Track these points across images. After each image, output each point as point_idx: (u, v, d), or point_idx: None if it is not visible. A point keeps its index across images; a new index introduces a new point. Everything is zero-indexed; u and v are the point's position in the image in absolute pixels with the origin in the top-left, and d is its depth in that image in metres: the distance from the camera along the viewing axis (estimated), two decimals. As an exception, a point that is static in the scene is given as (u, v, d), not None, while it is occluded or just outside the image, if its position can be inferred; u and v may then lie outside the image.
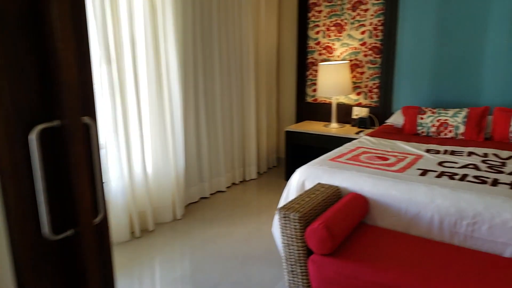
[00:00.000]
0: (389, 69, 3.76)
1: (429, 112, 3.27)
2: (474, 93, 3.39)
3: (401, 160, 2.54)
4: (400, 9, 3.60)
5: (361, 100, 4.00)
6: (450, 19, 3.41)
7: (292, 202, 1.99)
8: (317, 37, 4.13)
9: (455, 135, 3.12)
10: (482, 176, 2.19)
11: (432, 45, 3.52)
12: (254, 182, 4.08)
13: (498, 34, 3.22)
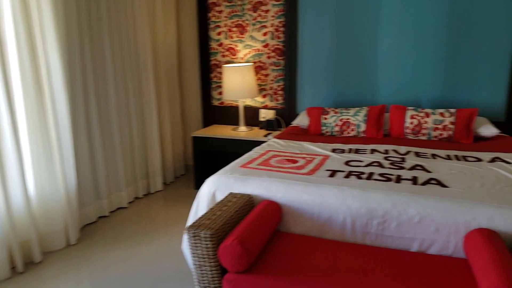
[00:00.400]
0: (292, 71, 3.78)
1: (332, 112, 3.33)
2: (372, 92, 3.55)
3: (309, 162, 2.50)
4: (300, 11, 3.63)
5: (267, 102, 3.96)
6: (346, 22, 3.52)
7: (202, 218, 1.81)
8: (219, 38, 3.99)
9: (357, 133, 3.22)
10: (387, 174, 2.24)
11: (331, 47, 3.60)
12: (161, 194, 3.79)
13: (388, 35, 3.41)
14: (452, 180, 2.12)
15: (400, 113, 3.17)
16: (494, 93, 3.23)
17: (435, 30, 3.28)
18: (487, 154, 2.61)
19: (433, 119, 3.04)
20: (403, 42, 3.38)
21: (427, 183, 2.08)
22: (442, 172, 2.26)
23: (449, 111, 3.04)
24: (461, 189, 1.99)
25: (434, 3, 3.24)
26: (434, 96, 3.37)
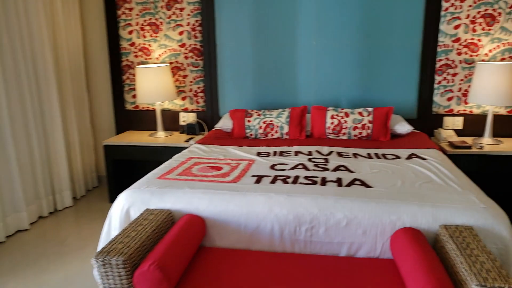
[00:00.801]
0: (212, 72, 3.62)
1: (255, 114, 3.24)
2: (293, 93, 3.52)
3: (235, 168, 2.37)
4: (216, 10, 3.48)
5: (187, 105, 3.75)
6: (265, 23, 3.45)
7: (114, 242, 1.57)
8: (131, 38, 3.70)
9: (280, 135, 3.16)
10: (312, 176, 2.19)
11: (250, 47, 3.50)
12: (70, 211, 3.40)
13: (307, 37, 3.40)
14: (375, 180, 2.12)
15: (321, 113, 3.18)
16: (406, 91, 3.37)
17: (351, 33, 3.33)
18: (404, 151, 2.69)
19: (352, 119, 3.08)
20: (322, 44, 3.39)
21: (351, 184, 2.06)
22: (364, 172, 2.27)
23: (367, 110, 3.11)
24: (384, 189, 1.99)
25: (349, 7, 3.29)
26: (352, 96, 3.43)
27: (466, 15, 3.18)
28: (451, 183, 2.05)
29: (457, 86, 3.32)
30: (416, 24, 3.25)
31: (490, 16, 3.16)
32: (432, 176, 2.17)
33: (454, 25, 3.22)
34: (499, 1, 3.12)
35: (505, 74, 2.93)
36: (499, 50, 3.20)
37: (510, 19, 3.14)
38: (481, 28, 3.19)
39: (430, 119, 3.41)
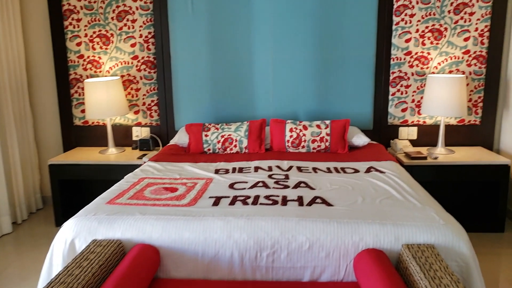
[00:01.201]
0: (167, 85, 3.48)
1: (213, 128, 3.13)
2: (251, 106, 3.45)
3: (191, 189, 2.25)
4: (170, 21, 3.36)
5: (140, 119, 3.58)
6: (220, 35, 3.36)
7: (54, 282, 1.41)
8: (79, 50, 3.49)
9: (240, 149, 3.08)
10: (272, 195, 2.11)
11: (207, 60, 3.41)
12: (10, 238, 3.11)
13: (263, 50, 3.35)
14: (335, 197, 2.08)
15: (280, 126, 3.13)
16: (362, 103, 3.40)
17: (307, 46, 3.32)
18: (363, 164, 2.69)
19: (311, 131, 3.06)
20: (279, 57, 3.35)
21: (313, 203, 2.01)
22: (325, 188, 2.23)
23: (325, 123, 3.10)
24: (346, 207, 1.96)
25: (305, 22, 3.28)
26: (310, 108, 3.42)
27: (416, 29, 3.27)
28: (410, 198, 2.05)
29: (411, 97, 3.39)
30: (369, 37, 3.29)
31: (437, 30, 3.26)
32: (392, 191, 2.17)
33: (405, 38, 3.29)
34: (444, 17, 3.23)
35: (453, 86, 3.02)
36: (447, 63, 3.31)
37: (456, 34, 3.25)
38: (430, 42, 3.28)
39: (386, 130, 3.45)
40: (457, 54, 3.29)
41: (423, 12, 3.23)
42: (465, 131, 3.40)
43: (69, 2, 3.40)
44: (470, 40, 3.25)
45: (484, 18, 3.21)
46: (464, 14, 3.21)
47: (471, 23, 3.22)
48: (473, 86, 3.33)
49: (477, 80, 3.32)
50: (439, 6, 3.22)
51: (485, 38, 3.24)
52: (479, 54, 3.27)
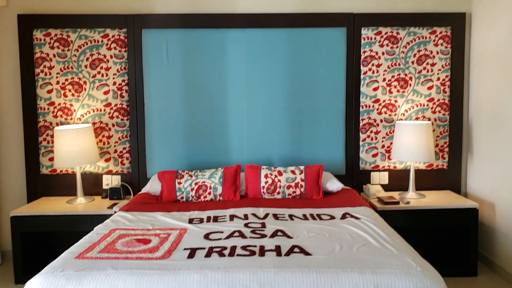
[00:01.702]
0: (140, 132, 3.45)
1: (186, 175, 3.10)
2: (226, 152, 3.46)
3: (164, 240, 2.18)
4: (145, 69, 3.40)
5: (111, 167, 3.50)
6: (195, 83, 3.43)
7: None
8: (50, 97, 3.43)
9: (214, 196, 3.04)
10: (250, 245, 2.07)
11: (181, 107, 3.43)
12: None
13: (238, 97, 3.42)
14: (313, 246, 2.07)
15: (255, 172, 3.13)
16: (334, 149, 3.47)
17: (280, 94, 3.42)
18: (338, 210, 2.71)
19: (286, 177, 3.07)
20: (252, 104, 3.43)
21: (291, 253, 1.98)
22: (302, 237, 2.21)
23: (299, 168, 3.13)
24: (324, 256, 1.94)
25: (278, 70, 3.40)
26: (284, 154, 3.46)
27: (383, 78, 3.44)
28: (387, 245, 2.06)
29: (380, 143, 3.50)
30: (339, 86, 3.43)
31: (403, 80, 3.44)
32: (368, 238, 2.17)
33: (373, 87, 3.44)
34: (409, 67, 3.43)
35: (420, 132, 3.15)
36: (413, 110, 3.47)
37: (420, 83, 3.44)
38: (396, 90, 3.45)
39: (358, 175, 3.52)
40: (422, 101, 3.46)
41: (388, 62, 3.42)
42: (433, 176, 3.51)
43: (42, 50, 3.39)
44: (433, 88, 3.45)
45: (445, 69, 3.42)
46: (427, 65, 3.42)
47: (433, 73, 3.43)
48: (438, 132, 3.48)
49: (442, 126, 3.48)
50: (403, 57, 3.42)
51: (446, 87, 3.44)
52: (442, 101, 3.46)
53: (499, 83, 3.06)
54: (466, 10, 3.42)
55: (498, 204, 3.12)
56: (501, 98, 3.04)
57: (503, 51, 3.01)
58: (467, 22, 3.41)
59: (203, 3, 3.42)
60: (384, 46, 3.40)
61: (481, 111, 3.31)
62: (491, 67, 3.15)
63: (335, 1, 3.41)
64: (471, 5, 3.41)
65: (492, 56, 3.15)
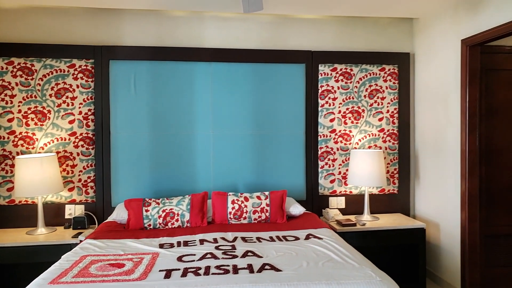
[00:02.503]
0: (105, 161, 3.48)
1: (153, 203, 3.15)
2: (193, 179, 3.56)
3: (138, 263, 2.23)
4: (112, 99, 3.48)
5: (74, 196, 3.47)
6: (162, 112, 3.54)
7: None
8: (11, 126, 3.39)
9: (181, 223, 3.10)
10: (223, 265, 2.18)
11: (147, 136, 3.52)
12: None
13: (204, 126, 3.58)
14: (282, 263, 2.21)
15: (222, 199, 3.24)
16: (296, 175, 3.69)
17: (245, 124, 3.62)
18: (301, 232, 2.87)
19: (252, 203, 3.21)
20: (218, 133, 3.59)
21: (262, 270, 2.11)
22: (271, 256, 2.34)
23: (264, 194, 3.29)
24: (293, 271, 2.08)
25: (243, 101, 3.62)
26: (248, 180, 3.62)
27: (338, 110, 3.74)
28: (348, 260, 2.24)
29: (337, 170, 3.76)
30: (299, 117, 3.69)
31: (356, 112, 3.77)
32: (331, 254, 2.35)
33: (329, 118, 3.73)
34: (361, 101, 3.77)
35: (372, 159, 3.44)
36: (366, 139, 3.78)
37: (372, 115, 3.78)
38: (351, 122, 3.76)
39: (318, 200, 3.73)
40: (374, 132, 3.79)
41: (343, 96, 3.75)
42: (386, 200, 3.81)
43: (3, 79, 3.37)
44: (383, 120, 3.80)
45: (393, 102, 3.81)
46: (377, 99, 3.79)
47: (383, 106, 3.80)
48: (389, 160, 3.81)
49: (392, 154, 3.82)
50: (356, 92, 3.76)
51: (395, 118, 3.81)
52: (391, 132, 3.81)
53: (439, 116, 3.46)
54: (410, 51, 3.87)
55: (442, 224, 3.44)
56: (441, 129, 3.43)
57: (441, 86, 3.43)
58: (411, 61, 3.85)
59: (172, 37, 3.60)
60: (339, 81, 3.74)
61: (425, 140, 3.68)
62: (432, 101, 3.56)
63: (296, 40, 3.72)
64: (414, 46, 3.86)
65: (432, 91, 3.56)
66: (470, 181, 3.08)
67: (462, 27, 3.12)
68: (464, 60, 3.08)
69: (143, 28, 3.56)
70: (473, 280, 3.09)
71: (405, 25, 3.85)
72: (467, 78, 3.06)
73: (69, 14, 3.49)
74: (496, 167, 3.30)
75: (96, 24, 3.52)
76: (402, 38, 3.85)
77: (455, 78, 3.22)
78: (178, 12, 3.59)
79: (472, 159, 3.07)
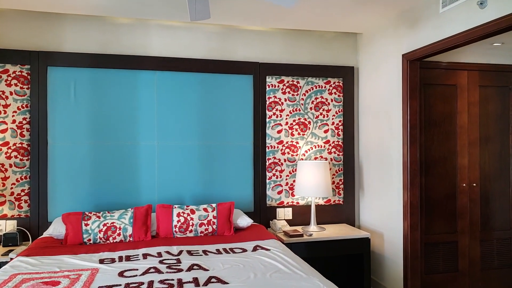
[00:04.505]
0: (41, 173, 3.26)
1: (94, 217, 2.98)
2: (135, 192, 3.43)
3: (75, 281, 2.08)
4: (49, 108, 3.28)
5: (6, 211, 3.21)
6: (104, 122, 3.39)
7: None
8: None
9: (124, 238, 2.96)
10: (167, 279, 2.09)
11: (88, 147, 3.35)
12: None
13: (148, 137, 3.47)
14: (229, 275, 2.16)
15: (166, 212, 3.14)
16: (243, 187, 3.67)
17: (191, 134, 3.55)
18: (249, 244, 2.85)
19: (198, 215, 3.14)
20: (163, 144, 3.49)
21: (208, 283, 2.05)
22: (218, 268, 2.29)
23: (211, 206, 3.23)
24: (241, 283, 2.04)
25: (189, 110, 3.55)
26: (195, 192, 3.54)
27: (286, 122, 3.79)
28: (296, 270, 2.24)
29: (285, 180, 3.79)
30: (247, 128, 3.69)
31: (303, 123, 3.84)
32: (279, 265, 2.34)
33: (277, 130, 3.77)
34: (308, 113, 3.85)
35: (318, 170, 3.51)
36: (312, 151, 3.86)
37: (317, 126, 3.87)
38: (297, 133, 3.82)
39: (265, 211, 3.73)
40: (319, 143, 3.88)
41: (290, 108, 3.80)
42: (331, 210, 3.89)
43: None
44: (329, 132, 3.90)
45: (338, 115, 3.92)
46: (323, 111, 3.88)
47: (328, 118, 3.90)
48: (334, 171, 3.91)
49: (337, 165, 3.92)
50: (303, 104, 3.84)
51: (340, 130, 3.93)
52: (337, 143, 3.92)
53: (382, 128, 3.61)
54: (354, 64, 4.02)
55: (386, 233, 3.56)
56: (384, 141, 3.58)
57: (383, 99, 3.59)
58: (355, 74, 4.00)
59: (115, 44, 3.48)
60: (286, 93, 3.80)
61: (369, 152, 3.82)
62: (375, 114, 3.71)
63: (243, 50, 3.74)
64: (358, 60, 4.02)
65: (375, 104, 3.72)
66: (412, 191, 3.23)
67: (403, 42, 3.30)
68: (406, 74, 3.25)
69: (85, 34, 3.42)
70: (414, 287, 3.21)
71: (349, 40, 4.01)
72: (408, 91, 3.23)
73: (3, 16, 3.27)
74: (434, 176, 3.49)
75: (33, 28, 3.33)
76: (346, 52, 4.00)
77: (397, 91, 3.39)
78: (123, 19, 3.49)
79: (413, 169, 3.22)
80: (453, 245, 3.53)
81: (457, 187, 3.54)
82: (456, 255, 3.54)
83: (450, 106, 3.54)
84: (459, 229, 3.54)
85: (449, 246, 3.53)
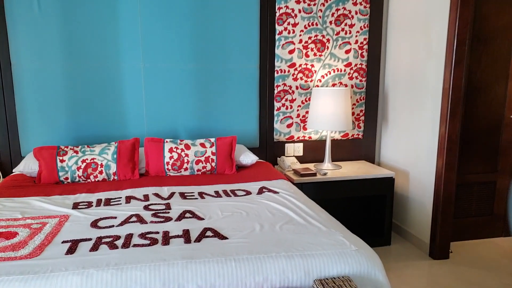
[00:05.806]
0: (8, 101, 2.75)
1: (71, 152, 2.51)
2: (121, 123, 2.92)
3: (37, 232, 1.65)
4: (9, 23, 2.67)
5: (-31, 144, 2.74)
6: (79, 38, 2.79)
7: None
8: None
9: (107, 176, 2.52)
10: (150, 232, 1.66)
11: (62, 69, 2.78)
12: None
13: (133, 58, 2.88)
14: (229, 227, 1.72)
15: (157, 146, 2.66)
16: (247, 119, 3.14)
17: (184, 55, 2.94)
18: (253, 185, 2.41)
19: (194, 151, 2.66)
20: (151, 66, 2.91)
21: (202, 237, 1.61)
22: (215, 217, 1.85)
23: (209, 141, 2.73)
24: (243, 239, 1.60)
25: (181, 25, 2.90)
26: (191, 125, 3.03)
27: (299, 39, 3.15)
28: (313, 221, 1.79)
29: (296, 112, 3.25)
30: (252, 47, 3.06)
31: (320, 42, 3.20)
32: (291, 213, 1.89)
33: (288, 49, 3.15)
34: (326, 28, 3.19)
35: (337, 99, 2.95)
36: (330, 76, 3.27)
37: (338, 46, 3.23)
38: (313, 54, 3.20)
39: (272, 147, 3.25)
40: (339, 66, 3.27)
41: (305, 21, 3.14)
42: (348, 145, 3.39)
43: None
44: (351, 52, 3.27)
45: (363, 31, 3.25)
46: (345, 26, 3.22)
47: (351, 35, 3.24)
48: (355, 100, 3.34)
49: (358, 93, 3.34)
50: (321, 16, 3.16)
51: (364, 50, 3.29)
52: (360, 66, 3.30)
53: (417, 46, 2.97)
54: (385, -32, 3.28)
55: (412, 173, 3.09)
56: (419, 63, 2.96)
57: (423, 10, 2.90)
58: (386, -20, 3.28)
59: None
60: (301, 2, 3.10)
61: (397, 78, 3.22)
62: (410, 29, 3.04)
63: (248, -52, 3.00)
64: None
65: (411, 16, 3.03)
66: (452, 123, 2.67)
67: None
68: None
69: None
70: (443, 232, 2.80)
71: None
72: (459, -3, 2.53)
73: None
74: (477, 106, 2.92)
75: None
76: (375, -46, 3.24)
77: (440, 0, 2.70)
78: None
79: (456, 97, 2.64)
80: (490, 186, 3.08)
81: (503, 119, 2.98)
82: (493, 197, 3.09)
83: (508, 17, 2.85)
84: (499, 168, 3.05)
85: (486, 187, 3.07)
